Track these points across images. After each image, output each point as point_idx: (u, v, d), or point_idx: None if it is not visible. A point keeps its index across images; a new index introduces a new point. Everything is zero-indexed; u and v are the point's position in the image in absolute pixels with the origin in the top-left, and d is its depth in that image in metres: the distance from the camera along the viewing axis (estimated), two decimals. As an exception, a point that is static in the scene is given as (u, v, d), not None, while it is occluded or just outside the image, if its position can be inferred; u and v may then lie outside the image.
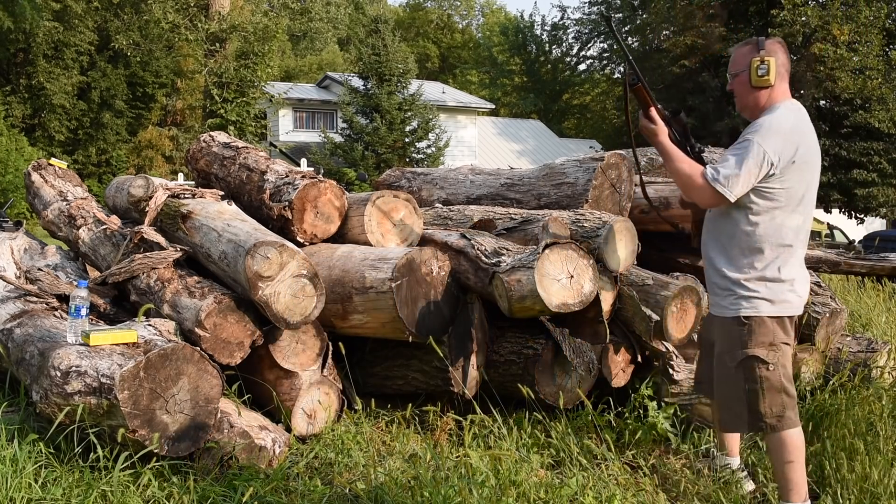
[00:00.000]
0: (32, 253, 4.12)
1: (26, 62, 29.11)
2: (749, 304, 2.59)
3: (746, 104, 2.71)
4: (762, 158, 2.52)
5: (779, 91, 2.66)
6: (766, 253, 2.59)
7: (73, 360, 2.65)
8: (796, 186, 2.58)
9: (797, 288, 2.62)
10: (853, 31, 21.09)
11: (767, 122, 2.58)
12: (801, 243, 2.64)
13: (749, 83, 2.66)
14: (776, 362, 2.57)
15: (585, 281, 2.82)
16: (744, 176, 2.53)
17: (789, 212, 2.59)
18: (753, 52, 2.66)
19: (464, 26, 49.89)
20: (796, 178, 2.58)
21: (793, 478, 2.57)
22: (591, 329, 2.91)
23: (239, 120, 20.53)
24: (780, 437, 2.58)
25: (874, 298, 6.38)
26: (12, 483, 2.46)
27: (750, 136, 2.57)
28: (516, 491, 2.51)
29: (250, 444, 2.83)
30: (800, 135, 2.59)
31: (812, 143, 2.63)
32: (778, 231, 2.59)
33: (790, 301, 2.60)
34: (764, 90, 2.65)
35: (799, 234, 2.62)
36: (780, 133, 2.56)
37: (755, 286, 2.59)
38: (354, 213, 3.63)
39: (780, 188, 2.57)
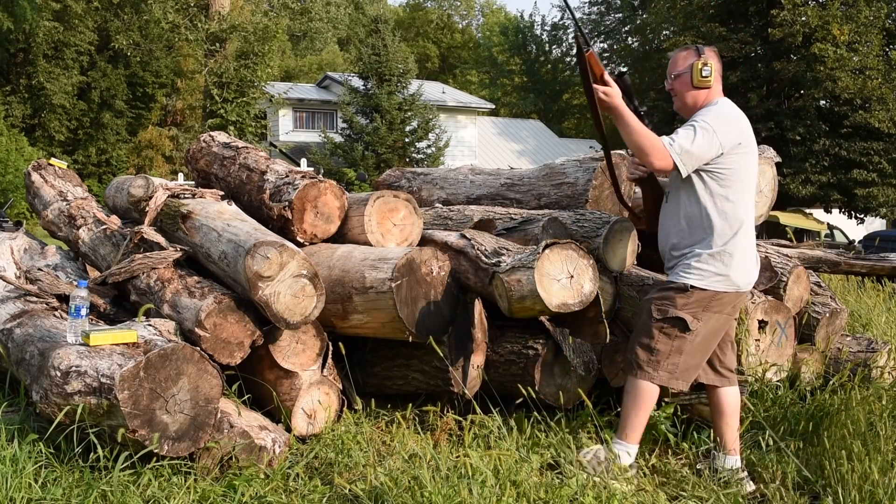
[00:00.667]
0: (32, 253, 4.12)
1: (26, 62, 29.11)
2: (697, 275, 2.80)
3: (685, 103, 2.95)
4: (712, 137, 2.77)
5: (714, 91, 2.92)
6: (716, 229, 2.80)
7: (73, 360, 2.65)
8: (744, 169, 2.83)
9: (745, 265, 2.84)
10: (853, 31, 21.09)
11: (715, 111, 2.84)
12: (750, 223, 2.86)
13: (691, 83, 2.91)
14: (696, 330, 2.79)
15: (585, 281, 2.82)
16: (696, 149, 2.76)
17: (738, 192, 2.82)
18: (695, 56, 2.92)
19: (464, 26, 49.90)
20: (742, 161, 2.83)
21: (634, 423, 2.83)
22: (591, 329, 2.91)
23: (239, 120, 20.53)
24: (643, 384, 2.81)
25: (874, 298, 6.38)
26: (12, 483, 2.45)
27: (700, 118, 2.82)
28: (516, 491, 2.51)
29: (250, 444, 2.83)
30: (742, 122, 2.86)
31: (751, 134, 2.88)
32: (728, 209, 2.81)
33: (734, 278, 2.81)
34: (703, 90, 2.91)
35: (748, 214, 2.85)
36: (727, 119, 2.82)
37: (704, 260, 2.81)
38: (354, 213, 3.63)
39: (729, 169, 2.81)
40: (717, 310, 2.83)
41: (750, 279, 2.88)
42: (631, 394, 2.85)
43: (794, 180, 21.31)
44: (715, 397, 3.02)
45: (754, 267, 2.91)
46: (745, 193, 2.85)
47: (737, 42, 22.20)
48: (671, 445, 3.21)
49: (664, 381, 2.83)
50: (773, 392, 3.56)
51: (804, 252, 5.31)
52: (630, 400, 2.85)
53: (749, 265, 2.88)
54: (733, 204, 2.82)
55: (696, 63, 2.89)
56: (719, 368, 2.99)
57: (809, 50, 20.86)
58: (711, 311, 2.82)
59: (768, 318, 3.81)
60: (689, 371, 2.86)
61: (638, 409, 2.82)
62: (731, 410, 2.99)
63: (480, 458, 2.58)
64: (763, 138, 19.90)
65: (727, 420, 2.97)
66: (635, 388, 2.84)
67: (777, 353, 3.85)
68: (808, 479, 2.89)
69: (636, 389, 2.84)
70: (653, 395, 2.85)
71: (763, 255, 4.04)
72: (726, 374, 3.01)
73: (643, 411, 2.83)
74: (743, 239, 2.84)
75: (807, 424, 3.19)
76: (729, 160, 2.80)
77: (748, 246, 2.87)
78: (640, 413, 2.83)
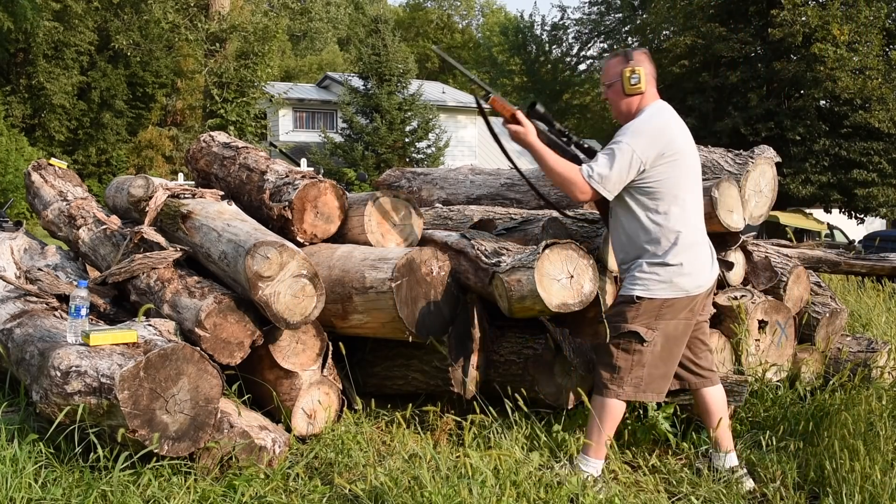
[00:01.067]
0: (32, 253, 4.12)
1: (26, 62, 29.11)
2: (641, 285, 2.79)
3: (620, 111, 2.95)
4: (631, 157, 2.75)
5: (648, 96, 2.92)
6: (653, 240, 2.80)
7: (73, 360, 2.65)
8: (673, 177, 2.81)
9: (689, 270, 2.80)
10: (853, 31, 21.08)
11: (635, 126, 2.83)
12: (692, 227, 2.85)
13: (623, 91, 2.91)
14: (652, 341, 2.78)
15: (585, 281, 2.82)
16: (615, 174, 2.76)
17: (669, 203, 2.81)
18: (623, 63, 2.91)
19: (464, 26, 49.89)
20: (669, 170, 2.80)
21: (600, 440, 2.82)
22: (591, 329, 2.91)
23: (239, 120, 20.51)
24: (610, 402, 2.82)
25: (874, 298, 6.38)
26: (12, 483, 2.45)
27: (620, 138, 2.81)
28: (516, 491, 2.51)
29: (250, 444, 2.83)
30: (666, 132, 2.83)
31: (681, 136, 2.86)
32: (662, 219, 2.80)
33: (680, 283, 2.79)
34: (636, 97, 2.91)
35: (688, 220, 2.83)
36: (646, 133, 2.79)
37: (648, 269, 2.80)
38: (354, 213, 3.63)
39: (656, 181, 2.79)
40: (671, 316, 2.81)
41: (700, 282, 2.84)
42: (597, 411, 2.84)
43: (794, 180, 21.30)
44: (699, 398, 3.02)
45: (705, 269, 2.87)
46: (678, 201, 2.82)
47: (737, 42, 22.20)
48: (671, 445, 3.21)
49: (631, 396, 2.83)
50: (773, 392, 3.56)
51: (804, 252, 5.32)
52: (595, 417, 2.84)
53: (697, 269, 2.83)
54: (665, 215, 2.80)
55: (625, 71, 2.89)
56: (696, 370, 2.99)
57: (809, 50, 20.85)
58: (665, 318, 2.80)
59: (768, 318, 3.81)
60: (657, 381, 2.85)
61: (604, 426, 2.82)
62: (718, 409, 2.99)
63: (480, 458, 2.58)
64: (763, 138, 19.90)
65: (714, 418, 2.98)
66: (602, 405, 2.84)
67: (777, 353, 3.85)
68: (808, 479, 2.89)
69: (603, 407, 2.83)
70: (619, 412, 2.85)
71: (763, 255, 4.04)
72: (705, 375, 3.00)
73: (608, 428, 2.83)
74: (684, 247, 2.80)
75: (807, 424, 3.19)
76: (654, 173, 2.79)
77: (693, 251, 2.83)
78: (606, 430, 2.82)
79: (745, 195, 3.77)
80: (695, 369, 2.99)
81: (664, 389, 2.88)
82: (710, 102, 22.76)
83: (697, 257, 2.85)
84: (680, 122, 2.93)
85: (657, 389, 2.85)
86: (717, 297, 3.85)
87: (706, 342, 3.04)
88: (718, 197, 3.54)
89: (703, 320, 2.99)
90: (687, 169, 2.86)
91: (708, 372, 3.01)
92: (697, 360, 2.99)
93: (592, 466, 2.82)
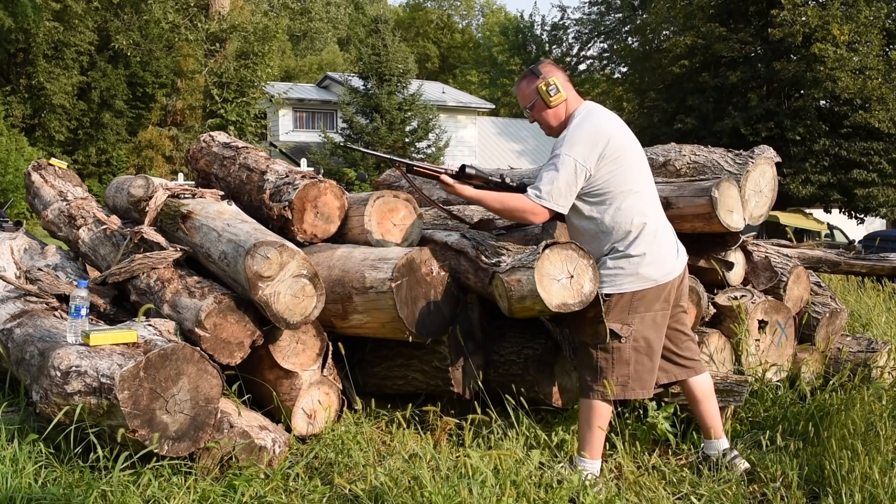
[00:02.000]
0: (32, 253, 4.12)
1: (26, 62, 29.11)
2: (608, 281, 2.80)
3: (551, 125, 2.96)
4: (574, 167, 2.77)
5: (571, 101, 2.92)
6: (613, 236, 2.81)
7: (73, 360, 2.65)
8: (618, 174, 2.81)
9: (653, 259, 2.79)
10: (853, 31, 21.08)
11: (569, 135, 2.83)
12: (651, 217, 2.84)
13: (546, 105, 2.91)
14: (629, 336, 2.79)
15: (585, 281, 2.82)
16: (563, 186, 2.79)
17: (622, 196, 2.81)
18: (534, 79, 2.92)
19: (464, 26, 49.91)
20: (613, 168, 2.80)
21: (594, 439, 2.82)
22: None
23: (239, 120, 20.51)
24: (595, 403, 2.82)
25: (874, 298, 6.38)
26: (12, 483, 2.46)
27: (557, 150, 2.82)
28: (516, 491, 2.51)
29: (250, 444, 2.83)
30: (602, 132, 2.81)
31: (618, 132, 2.86)
32: (618, 215, 2.80)
33: (646, 273, 2.79)
34: (560, 106, 2.92)
35: (644, 211, 2.83)
36: (582, 140, 2.79)
37: (611, 264, 2.81)
38: (354, 213, 3.63)
39: (604, 181, 2.80)
40: (644, 309, 2.80)
41: (667, 269, 2.83)
42: (585, 414, 2.84)
43: (794, 180, 21.30)
44: (685, 388, 3.03)
45: (670, 256, 2.85)
46: (631, 195, 2.81)
47: (737, 42, 22.20)
48: (671, 445, 3.21)
49: (619, 396, 2.82)
50: (773, 392, 3.56)
51: (804, 252, 5.32)
52: (584, 419, 2.85)
53: (662, 256, 2.82)
54: (619, 210, 2.80)
55: (540, 86, 2.89)
56: (679, 361, 2.99)
57: (809, 50, 20.85)
58: (638, 312, 2.80)
59: (768, 318, 3.81)
60: (644, 377, 2.84)
61: (593, 427, 2.82)
62: (704, 395, 3.00)
63: (480, 458, 2.58)
64: (763, 138, 19.91)
65: (703, 406, 2.99)
66: (589, 408, 2.83)
67: (777, 353, 3.85)
68: (808, 478, 2.89)
69: (590, 409, 2.83)
70: (606, 412, 2.84)
71: (763, 255, 4.04)
72: (689, 365, 3.00)
73: (599, 428, 2.83)
74: (645, 237, 2.79)
75: (807, 424, 3.19)
76: (600, 175, 2.79)
77: (655, 240, 2.82)
78: (596, 430, 2.82)
79: (745, 195, 3.77)
80: (678, 360, 2.99)
81: (651, 384, 2.88)
82: (710, 102, 22.76)
83: (661, 246, 2.84)
84: (613, 117, 2.92)
85: (644, 385, 2.85)
86: (718, 297, 3.85)
87: (687, 332, 3.03)
88: (718, 197, 3.54)
89: (680, 311, 2.99)
90: (632, 161, 2.86)
91: (691, 361, 3.01)
92: (679, 351, 2.99)
93: (590, 467, 2.82)
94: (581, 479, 2.68)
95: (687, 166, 4.09)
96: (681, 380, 3.02)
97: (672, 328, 2.95)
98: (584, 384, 2.87)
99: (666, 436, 3.23)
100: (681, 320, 3.01)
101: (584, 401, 2.87)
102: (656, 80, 25.72)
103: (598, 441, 2.84)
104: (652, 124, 25.09)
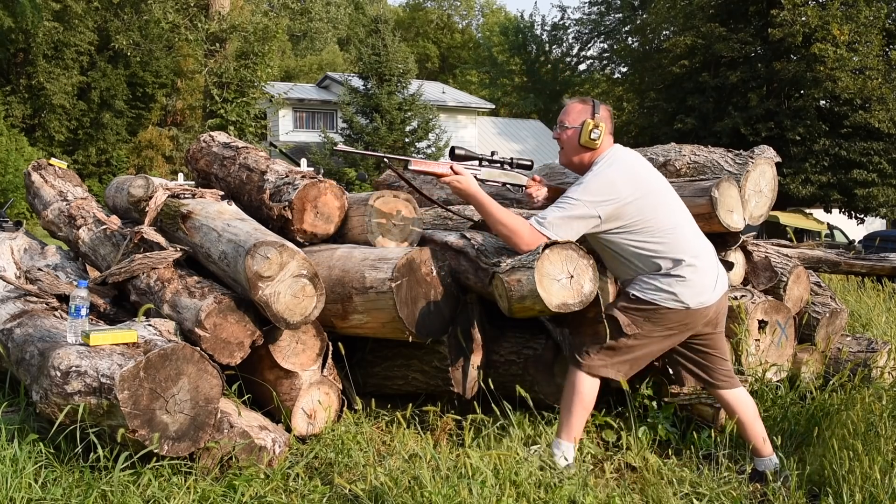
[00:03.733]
0: (32, 253, 4.12)
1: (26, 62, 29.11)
2: (641, 287, 2.83)
3: (570, 160, 2.96)
4: (583, 212, 2.78)
5: (600, 149, 2.91)
6: (660, 266, 2.80)
7: (73, 360, 2.65)
8: (646, 215, 2.80)
9: (691, 285, 2.79)
10: (853, 31, 21.10)
11: (586, 182, 2.83)
12: (689, 252, 2.82)
13: (578, 141, 2.90)
14: (631, 335, 2.80)
15: (585, 281, 2.82)
16: (566, 225, 2.79)
17: (653, 232, 2.81)
18: (589, 113, 2.90)
19: (464, 26, 49.91)
20: (638, 210, 2.79)
21: (574, 421, 2.84)
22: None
23: (239, 120, 20.52)
24: (581, 377, 2.84)
25: (874, 298, 6.38)
26: (12, 483, 2.45)
27: (571, 194, 2.83)
28: (516, 491, 2.51)
29: (250, 444, 2.83)
30: (624, 180, 2.81)
31: (642, 175, 2.87)
32: (661, 248, 2.80)
33: (680, 294, 2.78)
34: (588, 152, 2.91)
35: (683, 249, 2.81)
36: (596, 190, 2.79)
37: (648, 278, 2.83)
38: (354, 213, 3.63)
39: (630, 223, 2.79)
40: (661, 324, 2.81)
41: (702, 298, 2.82)
42: (567, 394, 2.88)
43: (794, 180, 21.32)
44: (722, 400, 3.01)
45: (708, 286, 2.84)
46: (670, 233, 2.82)
47: (737, 42, 22.22)
48: (671, 445, 3.21)
49: (595, 371, 2.84)
50: (773, 392, 3.56)
51: (804, 252, 5.32)
52: (565, 403, 2.87)
53: (701, 285, 2.82)
54: (662, 243, 2.80)
55: (588, 122, 2.87)
56: (713, 377, 2.97)
57: (809, 50, 20.87)
58: (654, 323, 2.81)
59: (768, 318, 3.81)
60: (623, 366, 2.87)
61: (574, 407, 2.84)
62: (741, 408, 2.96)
63: (480, 458, 2.58)
64: (763, 138, 19.92)
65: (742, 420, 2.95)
66: (572, 385, 2.87)
67: (777, 353, 3.85)
68: (808, 478, 2.89)
69: (573, 386, 2.86)
70: (589, 392, 2.85)
71: (763, 255, 4.04)
72: (722, 380, 2.98)
73: (579, 410, 2.84)
74: (692, 266, 2.80)
75: (807, 424, 3.19)
76: (625, 219, 2.79)
77: (697, 271, 2.81)
78: (576, 411, 2.84)
79: (745, 195, 3.77)
80: (713, 376, 2.97)
81: (629, 374, 2.91)
82: (710, 102, 22.78)
83: (702, 276, 2.83)
84: (639, 158, 2.93)
85: (622, 371, 2.88)
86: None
87: (722, 355, 2.99)
88: (718, 197, 3.54)
89: (716, 334, 2.95)
90: (659, 199, 2.86)
91: (726, 379, 2.98)
92: (714, 370, 2.97)
93: (564, 449, 2.83)
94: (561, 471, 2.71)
95: (687, 166, 4.08)
96: (715, 392, 3.01)
97: (707, 351, 2.95)
98: (571, 355, 2.93)
99: (667, 436, 3.23)
100: (715, 344, 2.97)
101: (568, 378, 2.90)
102: (656, 80, 25.74)
103: (578, 424, 2.86)
104: (652, 124, 25.11)
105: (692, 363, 2.98)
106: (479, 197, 2.97)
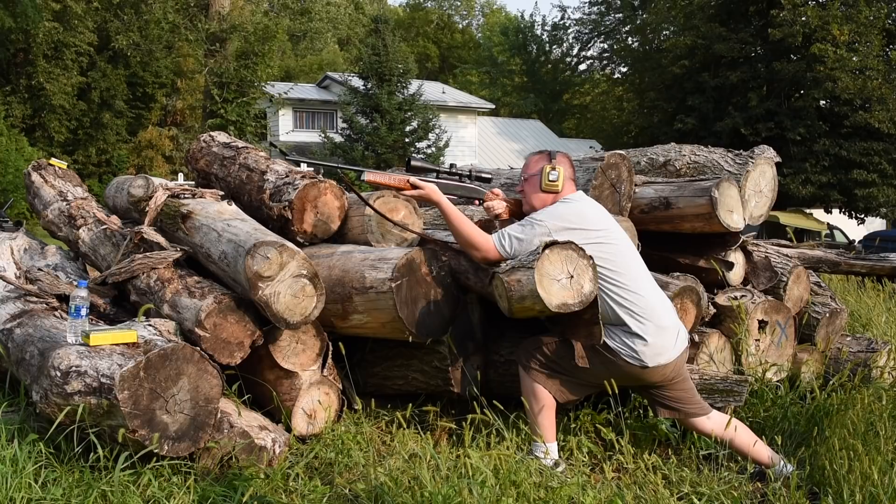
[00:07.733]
0: (32, 253, 4.12)
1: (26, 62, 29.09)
2: (608, 333, 2.88)
3: (533, 205, 3.04)
4: (546, 231, 2.85)
5: (562, 195, 3.01)
6: (615, 316, 2.87)
7: (73, 360, 2.65)
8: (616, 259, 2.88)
9: (651, 345, 2.83)
10: (853, 32, 21.09)
11: (555, 206, 2.96)
12: (649, 316, 2.85)
13: (539, 186, 3.01)
14: (581, 364, 2.86)
15: (585, 281, 2.82)
16: (526, 241, 2.87)
17: (619, 284, 2.87)
18: (546, 160, 3.03)
19: (464, 26, 49.91)
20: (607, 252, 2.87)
21: (544, 423, 2.92)
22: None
23: (239, 120, 20.50)
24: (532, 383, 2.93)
25: (874, 298, 6.38)
26: (12, 483, 2.45)
27: (541, 216, 2.93)
28: (516, 491, 2.51)
29: (250, 444, 2.83)
30: (593, 214, 2.96)
31: (610, 221, 2.99)
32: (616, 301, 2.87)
33: (639, 353, 2.83)
34: (550, 194, 3.01)
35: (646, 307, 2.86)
36: (560, 214, 2.91)
37: (614, 329, 2.89)
38: (354, 213, 3.63)
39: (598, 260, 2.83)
40: (612, 366, 2.86)
41: (661, 360, 2.85)
42: (527, 401, 2.96)
43: (794, 180, 21.30)
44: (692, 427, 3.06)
45: (670, 348, 2.87)
46: (638, 292, 2.86)
47: (737, 42, 22.20)
48: (672, 445, 3.21)
49: (538, 380, 2.92)
50: (773, 392, 3.56)
51: (804, 252, 5.33)
52: (529, 410, 2.95)
53: (663, 346, 2.85)
54: (628, 301, 2.85)
55: (546, 167, 2.99)
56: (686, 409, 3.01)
57: (809, 50, 20.86)
58: (605, 365, 2.86)
59: (768, 318, 3.81)
60: (561, 388, 2.94)
61: (537, 413, 2.91)
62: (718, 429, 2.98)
63: (480, 458, 2.58)
64: (763, 138, 19.91)
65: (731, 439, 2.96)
66: (528, 388, 2.95)
67: (777, 353, 3.85)
68: (808, 478, 2.89)
69: (530, 395, 2.94)
70: (546, 396, 2.92)
71: (763, 255, 4.04)
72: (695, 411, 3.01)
73: (542, 410, 2.90)
74: (658, 329, 2.84)
75: (807, 424, 3.19)
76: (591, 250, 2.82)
77: (665, 330, 2.86)
78: (539, 412, 2.91)
79: (745, 195, 3.78)
80: (686, 410, 3.02)
81: (563, 400, 2.97)
82: (710, 102, 22.77)
83: (665, 337, 2.87)
84: (599, 208, 3.04)
85: (559, 393, 2.94)
86: (718, 297, 3.85)
87: (688, 391, 3.02)
88: (718, 197, 3.54)
89: (680, 380, 2.98)
90: (621, 248, 2.93)
91: (697, 406, 3.03)
92: (685, 402, 3.01)
93: (541, 450, 2.86)
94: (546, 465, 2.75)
95: (687, 166, 4.09)
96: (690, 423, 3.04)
97: (670, 394, 2.99)
98: (519, 359, 3.01)
99: (667, 435, 3.23)
100: (680, 386, 3.00)
101: (523, 386, 2.97)
102: (656, 80, 25.72)
103: (548, 423, 2.92)
104: (652, 124, 25.11)
105: (663, 400, 3.02)
106: (444, 205, 3.07)
